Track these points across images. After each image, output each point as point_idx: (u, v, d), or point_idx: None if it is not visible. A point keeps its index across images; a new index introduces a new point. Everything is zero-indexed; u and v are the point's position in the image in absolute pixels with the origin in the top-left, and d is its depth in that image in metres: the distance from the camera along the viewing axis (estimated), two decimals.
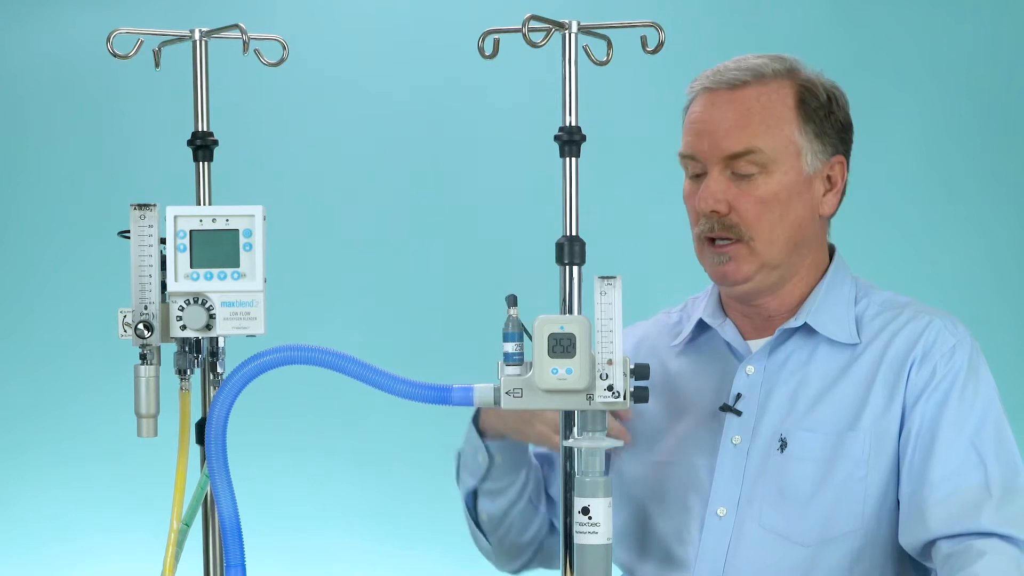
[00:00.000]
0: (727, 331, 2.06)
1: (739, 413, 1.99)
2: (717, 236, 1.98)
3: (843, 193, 2.06)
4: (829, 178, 2.04)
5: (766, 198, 1.97)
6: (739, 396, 2.00)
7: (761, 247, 1.98)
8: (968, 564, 1.82)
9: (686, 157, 2.02)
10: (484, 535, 2.14)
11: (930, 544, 1.89)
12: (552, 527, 2.16)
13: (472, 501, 2.12)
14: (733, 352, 2.06)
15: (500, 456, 2.05)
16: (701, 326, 2.10)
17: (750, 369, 2.02)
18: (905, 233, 4.59)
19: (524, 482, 2.09)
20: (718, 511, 1.97)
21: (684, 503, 2.01)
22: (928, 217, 4.60)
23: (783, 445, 1.96)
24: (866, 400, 1.96)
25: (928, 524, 1.88)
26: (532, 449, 2.16)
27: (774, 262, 1.99)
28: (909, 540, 1.91)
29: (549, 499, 2.15)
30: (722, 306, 2.10)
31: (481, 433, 2.06)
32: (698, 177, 2.01)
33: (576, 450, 1.73)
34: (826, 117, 2.02)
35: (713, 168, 1.98)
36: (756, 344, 2.05)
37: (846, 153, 2.06)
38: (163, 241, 1.71)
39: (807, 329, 2.01)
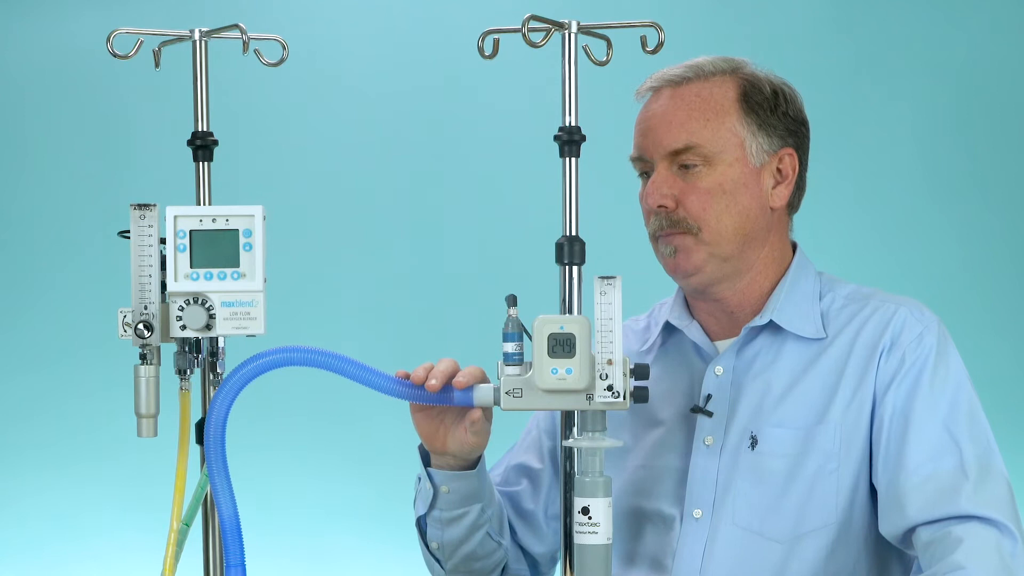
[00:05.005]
0: (693, 332, 2.06)
1: (710, 414, 1.99)
2: (666, 233, 1.99)
3: (799, 187, 2.06)
4: (779, 171, 2.04)
5: (711, 189, 1.98)
6: (709, 397, 2.00)
7: (709, 237, 1.98)
8: (948, 552, 1.82)
9: (635, 159, 2.04)
10: (436, 561, 2.10)
11: (910, 531, 1.89)
12: (522, 557, 2.14)
13: (423, 528, 2.08)
14: (700, 353, 2.06)
15: (446, 486, 2.00)
16: (668, 329, 2.10)
17: (719, 369, 2.02)
18: (900, 231, 4.60)
19: (478, 515, 2.02)
20: (694, 513, 1.97)
21: (663, 507, 2.00)
22: (924, 215, 4.61)
23: (753, 442, 1.96)
24: (835, 393, 1.96)
25: (906, 511, 1.88)
26: (514, 462, 2.16)
27: (723, 253, 1.99)
28: (889, 529, 1.91)
29: (526, 528, 2.13)
30: (688, 308, 2.10)
31: (428, 460, 2.02)
32: (647, 176, 2.03)
33: (576, 450, 1.73)
34: (771, 110, 2.02)
35: (659, 164, 1.99)
36: (724, 344, 2.05)
37: (798, 147, 2.05)
38: (163, 241, 1.71)
39: (773, 326, 2.01)
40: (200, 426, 1.81)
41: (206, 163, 1.90)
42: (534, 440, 2.16)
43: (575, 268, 1.76)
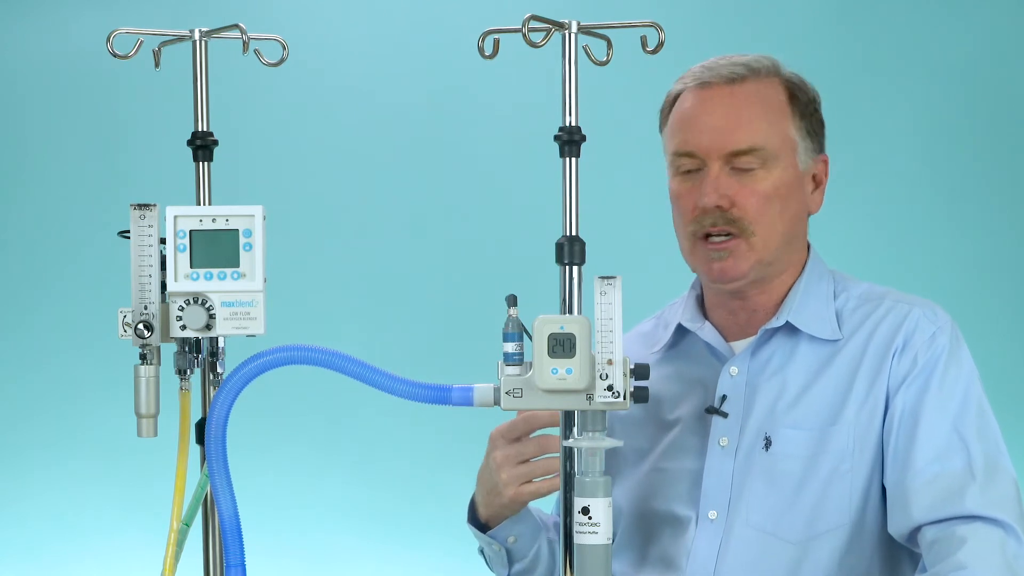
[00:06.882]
0: (706, 333, 2.05)
1: (725, 415, 1.99)
2: (718, 231, 1.97)
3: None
4: (814, 176, 2.04)
5: (768, 193, 1.97)
6: (724, 398, 2.00)
7: (760, 243, 1.97)
8: (951, 552, 1.81)
9: (682, 154, 2.00)
10: None
11: (916, 531, 1.89)
12: None
13: None
14: (715, 354, 2.05)
15: (512, 535, 2.03)
16: (680, 331, 2.09)
17: (734, 370, 2.01)
18: (900, 231, 4.60)
19: (548, 545, 2.06)
20: (709, 514, 1.97)
21: (678, 509, 2.00)
22: (923, 215, 4.61)
23: (768, 443, 1.96)
24: (848, 393, 1.96)
25: (912, 511, 1.88)
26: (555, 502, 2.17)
27: (769, 258, 1.99)
28: (896, 528, 1.91)
29: None
30: (701, 309, 2.09)
31: (484, 527, 2.04)
32: (689, 174, 1.99)
33: (576, 450, 1.73)
34: (812, 115, 2.03)
35: (714, 164, 1.97)
36: (738, 345, 2.04)
37: (824, 151, 2.07)
38: (163, 241, 1.71)
39: (789, 327, 2.01)
40: (200, 426, 1.81)
41: (206, 163, 1.90)
42: None
43: (575, 268, 1.76)
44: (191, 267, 1.71)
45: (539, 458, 1.94)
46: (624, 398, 1.68)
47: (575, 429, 1.74)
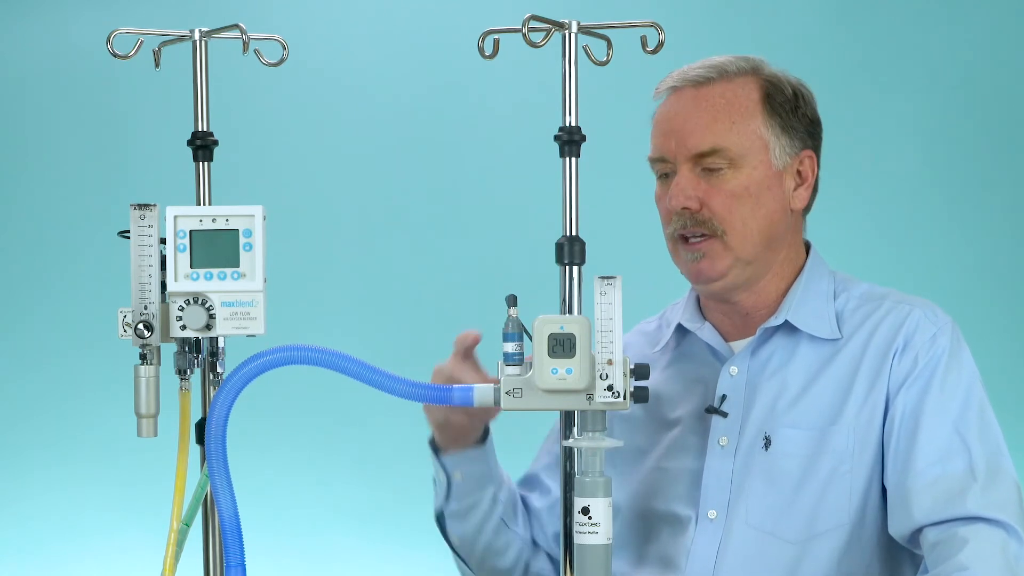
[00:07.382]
0: (706, 333, 2.06)
1: (725, 415, 1.99)
2: (690, 233, 1.98)
3: (815, 188, 2.06)
4: (799, 173, 2.03)
5: (737, 192, 1.97)
6: (724, 397, 2.00)
7: (735, 241, 1.98)
8: (953, 552, 1.82)
9: (655, 160, 2.03)
10: (462, 560, 2.12)
11: (918, 532, 1.89)
12: (537, 550, 2.14)
13: (443, 524, 2.10)
14: (715, 354, 2.06)
15: (459, 471, 2.03)
16: (681, 331, 2.10)
17: (733, 370, 2.02)
18: (900, 231, 4.60)
19: (491, 501, 2.05)
20: (709, 514, 1.97)
21: (677, 509, 2.01)
22: (923, 216, 4.61)
23: (767, 443, 1.96)
24: (849, 394, 1.96)
25: (914, 512, 1.89)
26: (529, 472, 2.16)
27: (748, 257, 1.99)
28: (897, 529, 1.91)
29: (531, 520, 2.13)
30: (700, 309, 2.10)
31: (440, 449, 2.04)
32: (667, 177, 2.02)
33: (576, 450, 1.74)
34: (792, 112, 2.02)
35: (682, 166, 1.99)
36: (738, 345, 2.05)
37: (815, 148, 2.05)
38: (163, 241, 1.71)
39: (788, 327, 2.01)
40: (200, 426, 1.81)
41: (206, 163, 1.90)
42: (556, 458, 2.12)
43: (575, 268, 1.76)
44: (191, 267, 1.71)
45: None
46: (624, 398, 1.69)
47: (575, 429, 1.74)
